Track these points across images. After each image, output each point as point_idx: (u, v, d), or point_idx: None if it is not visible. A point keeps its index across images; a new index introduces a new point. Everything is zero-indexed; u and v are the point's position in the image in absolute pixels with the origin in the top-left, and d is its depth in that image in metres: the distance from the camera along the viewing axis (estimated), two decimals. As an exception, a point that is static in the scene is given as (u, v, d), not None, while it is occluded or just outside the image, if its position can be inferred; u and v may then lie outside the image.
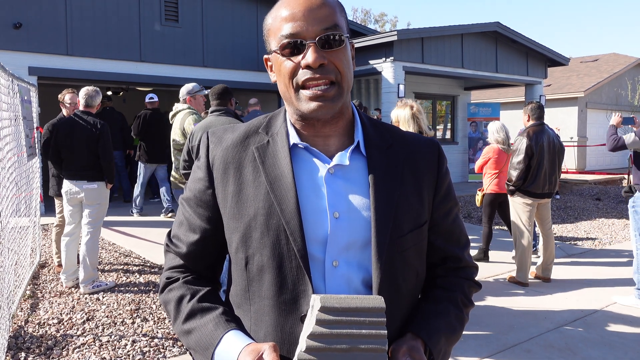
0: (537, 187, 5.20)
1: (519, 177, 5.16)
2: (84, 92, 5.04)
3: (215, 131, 1.21)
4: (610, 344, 3.86)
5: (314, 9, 1.05)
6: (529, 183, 5.20)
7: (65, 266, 4.99)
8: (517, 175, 5.15)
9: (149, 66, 10.29)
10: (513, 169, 5.20)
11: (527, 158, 5.13)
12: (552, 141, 5.28)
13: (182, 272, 1.19)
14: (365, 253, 1.09)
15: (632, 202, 4.78)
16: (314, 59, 1.03)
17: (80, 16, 9.43)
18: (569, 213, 9.93)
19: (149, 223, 8.17)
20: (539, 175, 5.17)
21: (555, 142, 5.31)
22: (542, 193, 5.25)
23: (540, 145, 5.16)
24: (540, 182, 5.19)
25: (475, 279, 1.28)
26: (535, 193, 5.23)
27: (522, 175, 5.16)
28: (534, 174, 5.17)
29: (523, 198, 5.27)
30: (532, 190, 5.22)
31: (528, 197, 5.26)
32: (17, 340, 3.79)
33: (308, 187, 1.10)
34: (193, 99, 5.01)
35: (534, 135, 5.19)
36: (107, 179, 4.98)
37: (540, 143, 5.17)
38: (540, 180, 5.19)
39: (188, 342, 1.10)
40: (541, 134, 5.23)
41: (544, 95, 14.72)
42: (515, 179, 5.18)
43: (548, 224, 5.48)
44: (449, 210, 1.23)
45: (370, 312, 0.92)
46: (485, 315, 4.39)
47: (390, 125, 1.25)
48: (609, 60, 21.78)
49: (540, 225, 5.53)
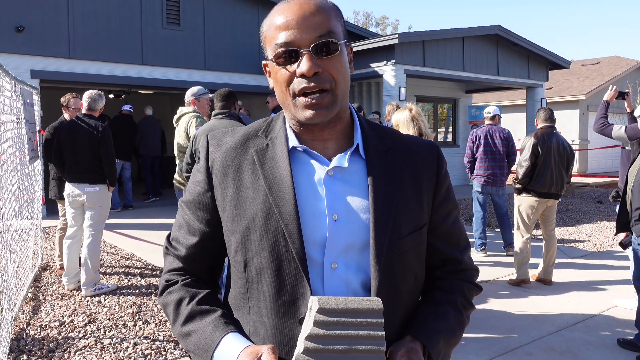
0: (543, 187, 5.27)
1: (525, 175, 5.26)
2: (87, 96, 5.06)
3: (215, 134, 1.22)
4: (611, 347, 3.86)
5: (308, 16, 1.05)
6: (535, 182, 5.28)
7: (67, 269, 5.00)
8: (523, 173, 5.26)
9: (151, 69, 10.32)
10: (519, 167, 5.32)
11: (533, 157, 5.22)
12: (562, 144, 5.37)
13: (181, 274, 1.20)
14: (364, 255, 1.09)
15: None
16: (307, 68, 1.03)
17: (83, 20, 9.47)
18: (571, 216, 9.92)
19: (151, 226, 8.18)
20: (545, 174, 5.24)
21: (565, 145, 5.39)
22: (548, 193, 5.30)
23: (548, 146, 5.25)
24: (546, 181, 5.25)
25: (475, 281, 1.28)
26: (541, 192, 5.30)
27: (529, 173, 5.25)
28: (539, 173, 5.25)
29: (528, 197, 5.35)
30: (537, 189, 5.29)
31: (534, 196, 5.32)
32: (19, 342, 3.80)
33: (307, 190, 1.10)
34: (197, 101, 5.01)
35: (541, 135, 5.30)
36: (108, 181, 4.99)
37: (548, 144, 5.26)
38: (547, 180, 5.25)
39: (187, 344, 1.10)
40: (550, 136, 5.32)
41: (545, 98, 14.72)
42: (521, 177, 5.28)
43: (551, 226, 5.52)
44: (449, 212, 1.23)
45: (368, 314, 0.92)
46: (486, 318, 4.39)
47: (390, 128, 1.25)
48: (610, 63, 21.77)
49: (542, 226, 5.58)
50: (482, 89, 15.40)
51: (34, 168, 5.76)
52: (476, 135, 6.61)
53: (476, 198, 6.70)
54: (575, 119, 18.48)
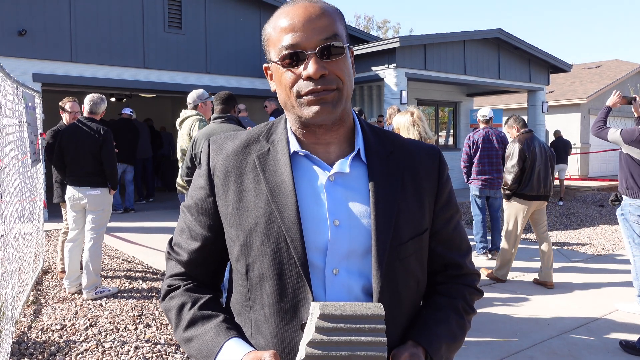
0: (531, 190, 5.43)
1: (514, 181, 5.39)
2: (89, 99, 5.06)
3: (217, 139, 1.22)
4: (613, 351, 3.85)
5: (314, 19, 1.05)
6: (524, 186, 5.43)
7: (68, 272, 5.00)
8: (512, 179, 5.40)
9: (153, 73, 10.34)
10: (508, 173, 5.45)
11: (520, 162, 5.38)
12: (543, 147, 5.56)
13: (184, 279, 1.20)
14: (365, 261, 1.09)
15: (621, 210, 4.71)
16: (314, 70, 1.03)
17: (84, 23, 9.50)
18: (572, 219, 9.91)
19: (152, 229, 8.18)
20: (533, 178, 5.41)
21: (545, 148, 5.58)
22: (537, 195, 5.45)
23: (532, 150, 5.43)
24: (534, 184, 5.41)
25: (476, 286, 1.27)
26: (530, 195, 5.45)
27: (517, 178, 5.39)
28: (527, 177, 5.41)
29: (519, 201, 5.49)
30: (527, 192, 5.44)
31: (523, 200, 5.46)
32: (20, 346, 3.80)
33: (308, 195, 1.10)
34: (204, 104, 5.00)
35: (525, 140, 5.47)
36: (110, 185, 4.99)
37: (532, 147, 5.44)
38: (534, 183, 5.41)
39: (189, 349, 1.10)
40: (532, 140, 5.51)
41: (547, 101, 14.72)
42: (510, 183, 5.42)
43: (542, 228, 5.64)
44: (450, 217, 1.23)
45: (370, 319, 0.92)
46: (488, 322, 4.38)
47: (391, 132, 1.25)
48: (611, 67, 21.77)
49: (535, 229, 5.70)
50: (483, 92, 15.41)
51: (35, 171, 5.77)
52: (473, 139, 6.59)
53: (474, 202, 6.70)
54: (577, 123, 18.46)
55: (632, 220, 4.58)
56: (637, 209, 4.52)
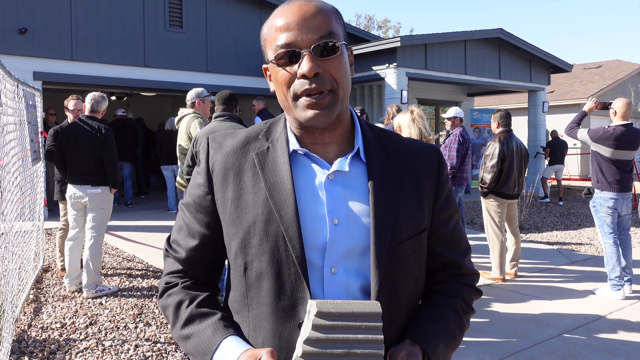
0: (508, 189, 5.58)
1: (492, 180, 5.50)
2: (90, 98, 5.06)
3: (216, 137, 1.22)
4: (613, 351, 3.85)
5: (309, 17, 1.05)
6: (502, 185, 5.55)
7: (68, 270, 5.01)
8: (491, 178, 5.51)
9: (153, 71, 10.34)
10: (487, 172, 5.53)
11: (499, 162, 5.48)
12: (519, 146, 5.67)
13: (181, 277, 1.20)
14: (364, 260, 1.09)
15: (592, 202, 5.21)
16: (308, 69, 1.03)
17: (85, 22, 9.50)
18: (572, 220, 9.90)
19: (152, 228, 8.19)
20: (510, 177, 5.54)
21: (521, 148, 5.70)
22: (512, 194, 5.62)
23: (511, 150, 5.55)
24: (511, 184, 5.56)
25: (475, 285, 1.28)
26: (506, 194, 5.59)
27: (495, 178, 5.50)
28: (505, 177, 5.53)
29: (496, 200, 5.61)
30: (504, 191, 5.58)
31: (500, 199, 5.60)
32: (20, 344, 3.81)
33: (307, 194, 1.10)
34: (202, 102, 5.01)
35: (504, 140, 5.56)
36: (111, 183, 5.00)
37: (511, 148, 5.56)
38: (511, 182, 5.56)
39: (186, 347, 1.10)
40: (510, 139, 5.62)
41: (547, 101, 14.71)
42: (489, 182, 5.52)
43: (515, 223, 5.84)
44: (449, 217, 1.23)
45: (367, 317, 0.92)
46: (488, 322, 4.38)
47: (391, 132, 1.25)
48: (612, 67, 21.76)
49: (508, 224, 5.82)
50: (484, 92, 15.40)
51: (36, 170, 5.77)
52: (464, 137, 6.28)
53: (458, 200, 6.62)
54: (577, 123, 18.42)
55: (602, 211, 5.09)
56: (606, 200, 5.04)
